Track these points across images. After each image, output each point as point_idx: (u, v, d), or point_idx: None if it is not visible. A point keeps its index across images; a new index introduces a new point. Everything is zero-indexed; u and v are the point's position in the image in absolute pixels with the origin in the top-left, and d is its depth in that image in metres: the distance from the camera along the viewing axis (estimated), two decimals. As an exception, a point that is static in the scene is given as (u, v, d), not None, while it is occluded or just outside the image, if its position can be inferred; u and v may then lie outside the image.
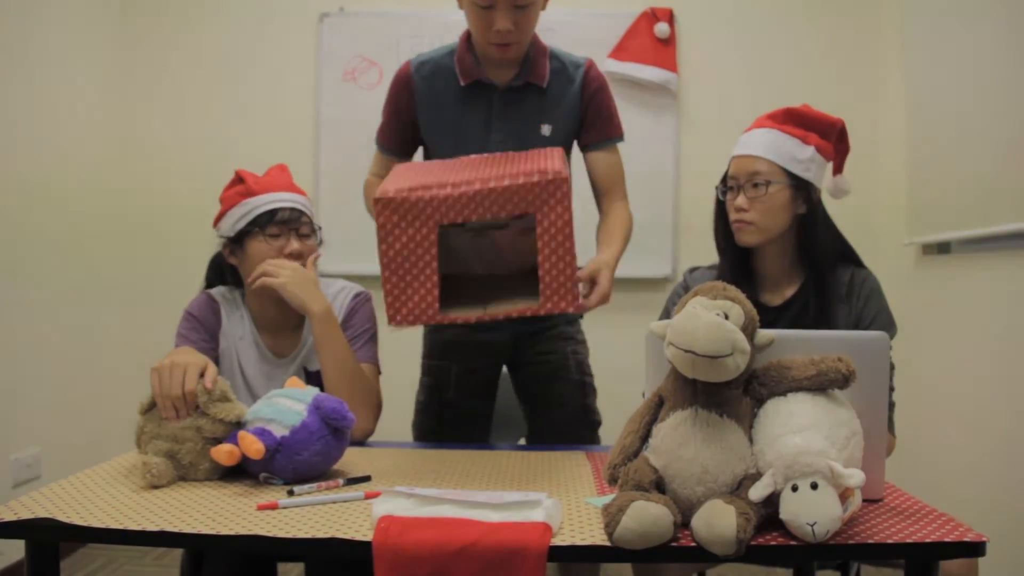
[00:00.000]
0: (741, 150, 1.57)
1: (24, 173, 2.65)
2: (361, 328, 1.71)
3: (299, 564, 2.62)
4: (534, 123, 1.76)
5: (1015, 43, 2.07)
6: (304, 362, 1.70)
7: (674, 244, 3.05)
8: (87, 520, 1.07)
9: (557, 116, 1.77)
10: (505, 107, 1.76)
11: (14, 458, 2.60)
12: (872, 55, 3.05)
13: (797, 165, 1.53)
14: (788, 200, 1.53)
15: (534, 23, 1.70)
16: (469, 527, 1.00)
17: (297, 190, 1.69)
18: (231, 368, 1.66)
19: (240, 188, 1.66)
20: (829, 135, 1.57)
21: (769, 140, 1.54)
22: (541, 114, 1.77)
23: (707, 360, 0.99)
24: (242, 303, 1.72)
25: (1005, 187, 2.11)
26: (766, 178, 1.52)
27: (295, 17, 3.16)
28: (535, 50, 1.77)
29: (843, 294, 1.55)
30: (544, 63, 1.77)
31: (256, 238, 1.62)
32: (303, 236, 1.65)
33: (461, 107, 1.76)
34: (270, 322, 1.70)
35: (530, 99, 1.76)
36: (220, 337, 1.67)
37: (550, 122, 1.77)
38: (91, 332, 3.02)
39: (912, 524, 1.05)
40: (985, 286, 2.30)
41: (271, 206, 1.62)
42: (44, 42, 2.73)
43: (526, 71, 1.75)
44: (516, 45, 1.68)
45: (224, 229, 1.66)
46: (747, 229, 1.54)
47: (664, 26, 3.02)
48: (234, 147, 3.14)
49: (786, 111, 1.57)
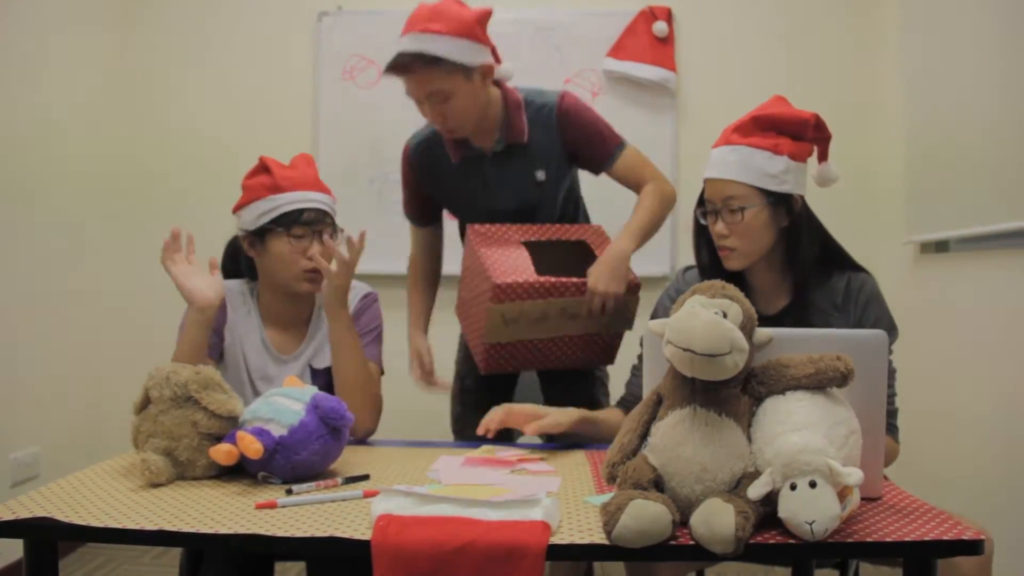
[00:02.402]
0: (712, 172, 1.49)
1: (23, 173, 2.65)
2: (368, 327, 1.72)
3: (297, 563, 2.62)
4: (528, 174, 1.86)
5: (1015, 42, 2.07)
6: (309, 359, 1.69)
7: (672, 243, 3.05)
8: (85, 519, 1.07)
9: (546, 161, 1.86)
10: (498, 169, 1.87)
11: (13, 457, 2.60)
12: (871, 53, 3.05)
13: (771, 181, 1.44)
14: (768, 219, 1.46)
15: (466, 108, 1.75)
16: (468, 526, 1.00)
17: (323, 188, 1.67)
18: (236, 364, 1.65)
19: (265, 180, 1.62)
20: (803, 133, 1.47)
21: (738, 159, 1.45)
22: (532, 165, 1.87)
23: (706, 358, 0.99)
24: (251, 297, 1.71)
25: (1004, 186, 2.11)
26: (740, 203, 1.45)
27: (293, 16, 3.16)
28: (510, 108, 1.84)
29: (838, 303, 1.50)
30: (520, 118, 1.84)
31: (279, 237, 1.60)
32: (326, 238, 1.64)
33: (460, 177, 1.88)
34: (279, 317, 1.69)
35: (517, 156, 1.86)
36: (225, 332, 1.66)
37: (543, 168, 1.87)
38: (90, 331, 3.02)
39: (911, 522, 1.05)
40: (984, 284, 2.30)
41: (298, 206, 1.60)
42: (44, 44, 2.73)
43: (505, 133, 1.84)
44: (459, 129, 1.78)
45: (246, 220, 1.63)
46: (732, 255, 1.49)
47: (662, 25, 3.02)
48: (233, 146, 3.14)
49: (753, 119, 1.48)
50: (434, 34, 1.67)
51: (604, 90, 3.08)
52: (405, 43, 1.69)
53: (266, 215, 1.60)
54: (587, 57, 3.08)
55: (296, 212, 1.60)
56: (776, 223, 1.48)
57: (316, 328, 1.71)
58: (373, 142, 3.11)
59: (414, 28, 1.70)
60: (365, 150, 3.11)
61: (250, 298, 1.71)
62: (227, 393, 1.31)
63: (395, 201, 3.14)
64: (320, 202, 1.63)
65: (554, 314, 1.74)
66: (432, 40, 1.67)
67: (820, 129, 1.50)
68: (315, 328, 1.71)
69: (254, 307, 1.70)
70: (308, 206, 1.61)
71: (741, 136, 1.47)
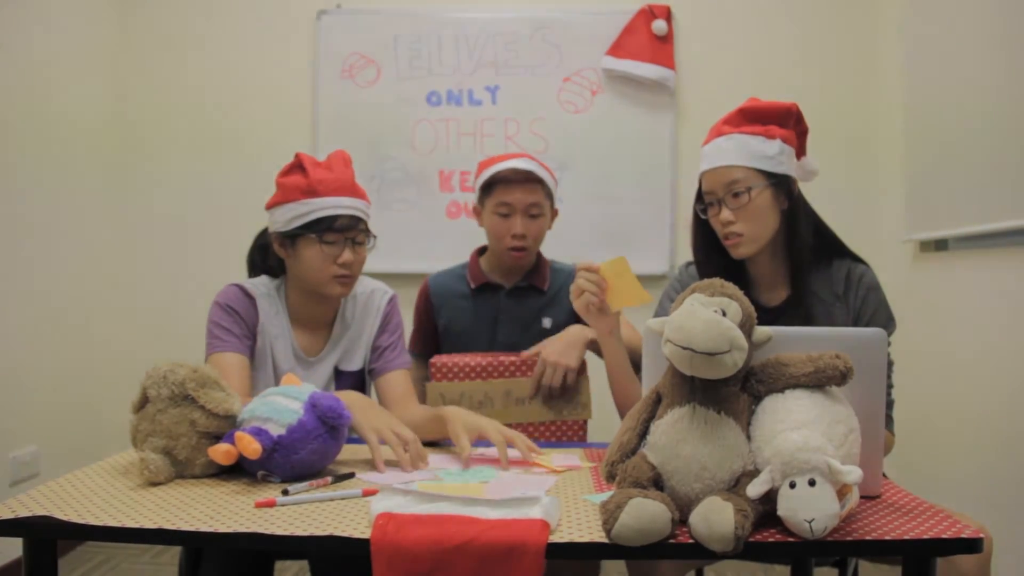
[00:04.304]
0: (711, 163, 1.51)
1: (21, 173, 2.65)
2: (397, 333, 1.76)
3: (297, 562, 2.62)
4: (536, 317, 1.95)
5: (1015, 39, 2.07)
6: (337, 362, 1.69)
7: (672, 241, 3.05)
8: (85, 518, 1.06)
9: (557, 312, 1.95)
10: (510, 302, 1.97)
11: (12, 456, 2.60)
12: (870, 51, 3.05)
13: (770, 162, 1.48)
14: (771, 200, 1.49)
15: (543, 233, 1.95)
16: (467, 524, 1.00)
17: (359, 192, 1.64)
18: (264, 366, 1.64)
19: (300, 181, 1.58)
20: (787, 122, 1.52)
21: (735, 145, 1.48)
22: (542, 310, 1.96)
23: (705, 357, 0.99)
24: (278, 296, 1.68)
25: (1003, 184, 2.11)
26: (745, 185, 1.47)
27: (293, 14, 3.15)
28: (539, 261, 2.01)
29: (839, 292, 1.53)
30: (546, 271, 2.01)
31: (311, 243, 1.58)
32: (358, 244, 1.62)
33: (472, 305, 1.98)
34: (306, 318, 1.68)
35: (532, 297, 1.98)
36: (257, 333, 1.64)
37: (551, 316, 1.96)
38: (90, 330, 3.02)
39: (910, 520, 1.06)
40: (983, 283, 2.30)
41: (332, 211, 1.57)
42: (44, 45, 2.73)
43: (530, 275, 1.98)
44: (528, 252, 1.92)
45: (278, 221, 1.60)
46: (740, 242, 1.50)
47: (662, 23, 3.02)
48: (232, 145, 3.14)
49: (739, 112, 1.52)
50: (537, 163, 1.90)
51: (603, 88, 3.08)
52: (514, 162, 1.88)
53: (299, 219, 1.57)
54: (586, 55, 3.08)
55: (329, 219, 1.57)
56: (778, 205, 1.51)
57: (341, 330, 1.71)
58: (372, 140, 3.11)
59: (518, 155, 1.92)
60: (364, 148, 3.11)
61: (277, 298, 1.68)
62: (225, 391, 1.30)
63: (394, 199, 3.16)
64: (354, 208, 1.60)
65: (498, 397, 1.74)
66: (537, 167, 1.89)
67: (800, 121, 1.55)
68: (340, 330, 1.71)
69: (282, 307, 1.68)
70: (342, 212, 1.58)
71: (732, 126, 1.51)
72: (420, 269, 2.96)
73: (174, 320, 3.05)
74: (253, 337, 1.63)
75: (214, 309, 1.62)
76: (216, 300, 1.63)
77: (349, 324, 1.72)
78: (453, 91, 3.11)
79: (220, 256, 2.82)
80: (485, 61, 3.10)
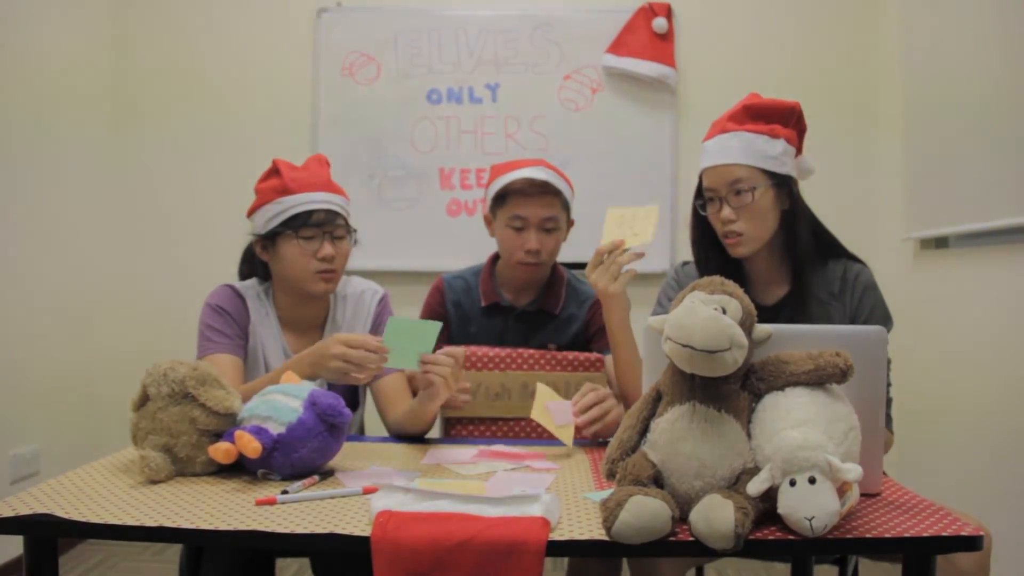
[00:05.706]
0: (713, 160, 1.50)
1: (21, 172, 2.64)
2: None
3: (297, 560, 2.62)
4: (543, 343, 1.87)
5: (1015, 38, 2.07)
6: None
7: (672, 239, 3.05)
8: (85, 516, 1.07)
9: (564, 337, 1.88)
10: (518, 324, 1.89)
11: (13, 454, 2.60)
12: (871, 49, 3.04)
13: (773, 162, 1.47)
14: (773, 201, 1.49)
15: (559, 247, 1.85)
16: (467, 522, 1.00)
17: (335, 188, 1.65)
18: (256, 366, 1.64)
19: (275, 183, 1.61)
20: (790, 121, 1.51)
21: (739, 144, 1.47)
22: (550, 336, 1.88)
23: (705, 355, 0.99)
24: (266, 298, 1.69)
25: (1003, 182, 2.11)
26: (749, 184, 1.46)
27: (293, 12, 3.15)
28: (554, 278, 1.91)
29: (836, 291, 1.52)
30: (560, 291, 1.90)
31: (289, 239, 1.59)
32: (337, 238, 1.62)
33: (480, 322, 1.90)
34: (295, 321, 1.69)
35: (542, 321, 1.89)
36: (249, 332, 1.65)
37: (557, 342, 1.87)
38: (90, 328, 3.02)
39: (910, 518, 1.06)
40: (983, 281, 2.30)
41: (306, 207, 1.58)
42: (43, 47, 2.73)
43: (542, 298, 1.89)
44: (542, 266, 1.83)
45: (257, 225, 1.62)
46: (739, 242, 1.49)
47: (662, 21, 3.01)
48: (232, 144, 3.14)
49: (744, 108, 1.50)
50: (554, 171, 1.81)
51: (604, 87, 3.08)
52: (530, 171, 1.78)
53: (275, 218, 1.59)
54: (587, 53, 3.08)
55: (305, 214, 1.58)
56: (779, 205, 1.50)
57: (332, 332, 1.70)
58: (373, 138, 3.11)
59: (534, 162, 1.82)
60: (364, 146, 3.11)
61: (266, 300, 1.69)
62: (225, 389, 1.31)
63: (395, 197, 3.16)
64: (329, 202, 1.61)
65: (516, 389, 1.73)
66: (554, 176, 1.79)
67: (800, 120, 1.54)
68: (331, 332, 1.70)
69: (271, 309, 1.68)
70: (317, 207, 1.59)
71: (737, 123, 1.50)
72: (420, 267, 2.97)
73: (174, 318, 3.05)
74: (245, 337, 1.64)
75: (205, 311, 1.64)
76: (207, 302, 1.65)
77: (340, 326, 1.72)
78: (453, 89, 3.11)
79: (220, 254, 2.80)
80: (485, 59, 3.10)
